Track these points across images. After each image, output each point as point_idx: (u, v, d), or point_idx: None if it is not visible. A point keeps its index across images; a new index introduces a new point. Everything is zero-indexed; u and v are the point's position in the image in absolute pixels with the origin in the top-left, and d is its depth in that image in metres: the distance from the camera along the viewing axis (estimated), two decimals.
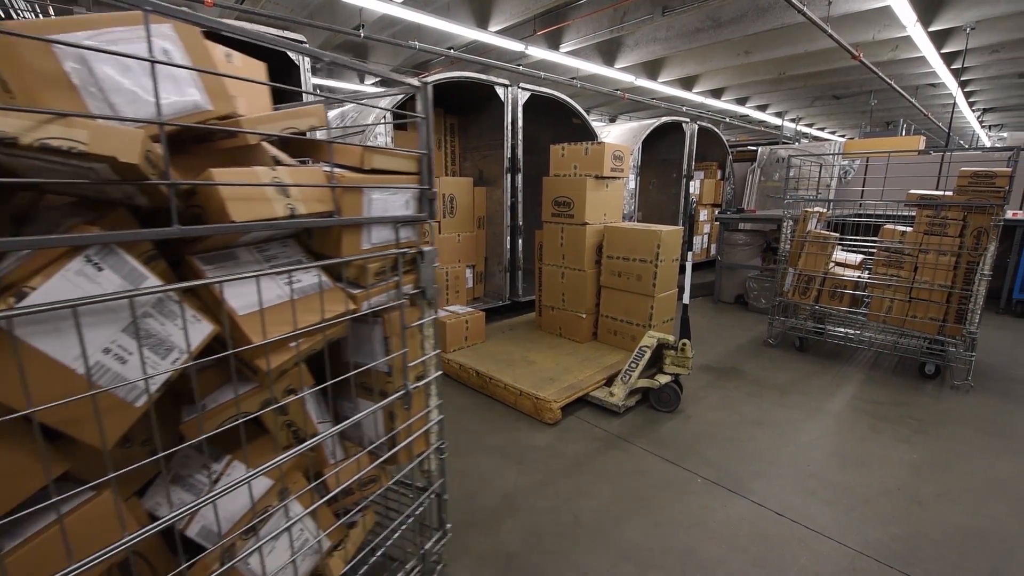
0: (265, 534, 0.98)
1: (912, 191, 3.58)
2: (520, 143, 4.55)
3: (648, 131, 6.42)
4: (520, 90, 4.48)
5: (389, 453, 1.29)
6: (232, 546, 0.96)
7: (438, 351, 1.36)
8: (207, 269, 0.95)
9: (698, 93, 11.72)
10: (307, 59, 3.40)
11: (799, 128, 17.11)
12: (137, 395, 0.83)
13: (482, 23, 7.15)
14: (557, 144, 3.83)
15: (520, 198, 4.71)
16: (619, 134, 6.83)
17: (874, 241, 3.82)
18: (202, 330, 0.89)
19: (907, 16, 5.82)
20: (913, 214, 3.61)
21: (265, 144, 1.11)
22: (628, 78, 9.43)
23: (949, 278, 3.34)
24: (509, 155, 4.51)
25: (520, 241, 4.81)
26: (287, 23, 5.75)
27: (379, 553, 1.28)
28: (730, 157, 8.03)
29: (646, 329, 3.43)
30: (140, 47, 0.85)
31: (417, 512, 1.43)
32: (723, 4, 6.66)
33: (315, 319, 0.98)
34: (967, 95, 11.91)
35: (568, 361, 3.38)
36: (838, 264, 3.96)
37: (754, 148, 8.51)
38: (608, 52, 8.98)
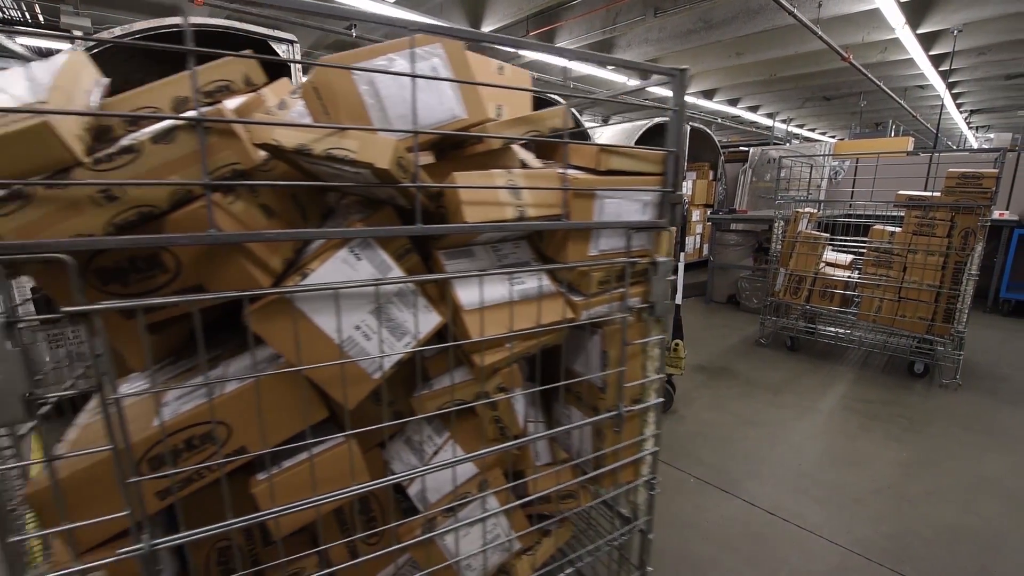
0: (463, 518, 1.05)
1: (901, 192, 3.62)
2: None
3: (641, 132, 6.47)
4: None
5: (591, 475, 1.25)
6: (434, 519, 1.03)
7: (662, 376, 1.26)
8: (447, 264, 1.00)
9: (691, 94, 11.95)
10: (297, 56, 3.31)
11: (790, 129, 17.42)
12: (375, 368, 0.92)
13: (475, 23, 7.11)
14: None
15: None
16: (612, 135, 6.90)
17: (864, 241, 3.85)
18: (432, 320, 0.95)
19: (896, 18, 5.89)
20: (902, 214, 3.62)
21: (515, 147, 1.14)
22: (620, 79, 9.48)
23: (937, 278, 3.37)
24: None
25: None
26: (278, 21, 5.48)
27: (570, 570, 1.25)
28: (722, 158, 8.24)
29: None
30: (417, 66, 0.95)
31: (617, 543, 1.37)
32: (715, 6, 6.71)
33: (532, 322, 1.02)
34: (955, 97, 12.12)
35: None
36: (828, 264, 4.02)
37: (746, 149, 8.75)
38: (601, 53, 9.08)
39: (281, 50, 3.16)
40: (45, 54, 6.90)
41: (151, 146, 0.69)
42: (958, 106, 12.77)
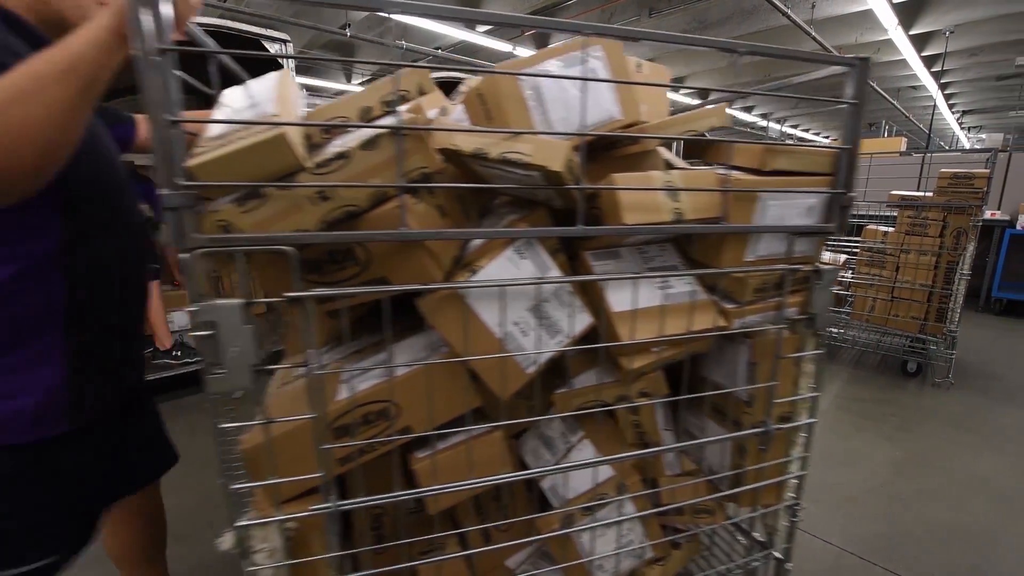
0: (601, 518, 1.06)
1: (893, 192, 3.68)
2: None
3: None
4: None
5: (732, 492, 1.20)
6: (571, 515, 1.05)
7: (817, 395, 1.17)
8: (594, 265, 1.02)
9: (685, 95, 11.68)
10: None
11: (784, 129, 17.47)
12: (529, 364, 0.96)
13: (470, 23, 7.08)
14: None
15: None
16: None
17: (857, 241, 3.88)
18: (583, 320, 0.97)
19: (888, 19, 5.93)
20: (895, 214, 3.66)
21: (660, 148, 1.14)
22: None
23: (930, 277, 3.42)
24: None
25: None
26: (272, 21, 5.61)
27: None
28: None
29: None
30: (575, 70, 0.97)
31: (750, 567, 1.32)
32: (709, 6, 6.76)
33: (682, 328, 1.00)
34: (947, 97, 12.39)
35: None
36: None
37: None
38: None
39: (274, 49, 3.24)
40: None
41: (359, 152, 0.78)
42: (950, 107, 12.77)
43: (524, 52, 7.82)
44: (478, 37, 6.89)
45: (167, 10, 0.65)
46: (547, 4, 6.61)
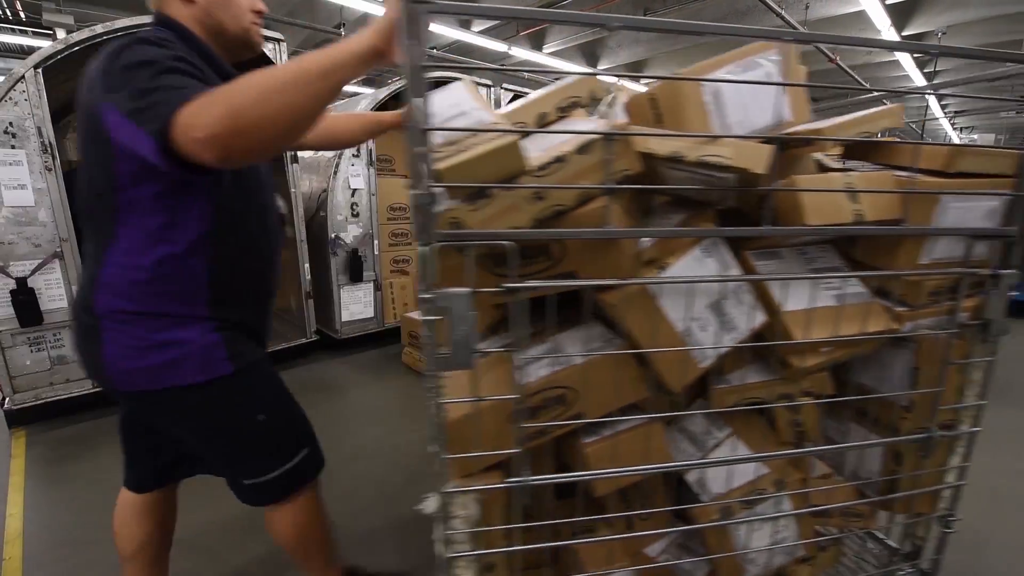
0: (759, 512, 1.09)
1: None
2: None
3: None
4: (503, 91, 4.46)
5: (885, 497, 1.21)
6: (730, 507, 1.09)
7: (984, 403, 1.16)
8: (757, 264, 1.04)
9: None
10: (284, 56, 3.33)
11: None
12: (703, 358, 1.00)
13: (464, 23, 7.04)
14: None
15: None
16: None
17: None
18: (758, 318, 1.00)
19: (881, 21, 6.00)
20: None
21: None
22: (611, 80, 8.67)
23: None
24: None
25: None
26: (266, 21, 5.53)
27: None
28: None
29: None
30: (752, 74, 1.01)
31: None
32: (704, 7, 6.55)
33: (855, 329, 1.01)
34: (939, 98, 12.63)
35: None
36: None
37: None
38: (591, 53, 8.76)
39: (268, 48, 3.16)
40: (27, 51, 6.91)
41: (575, 156, 0.85)
42: (942, 107, 12.65)
43: (519, 51, 7.77)
44: (473, 37, 6.91)
45: (425, 36, 0.75)
46: (540, 4, 6.45)
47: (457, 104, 0.99)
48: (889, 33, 6.34)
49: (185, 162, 0.82)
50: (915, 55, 8.19)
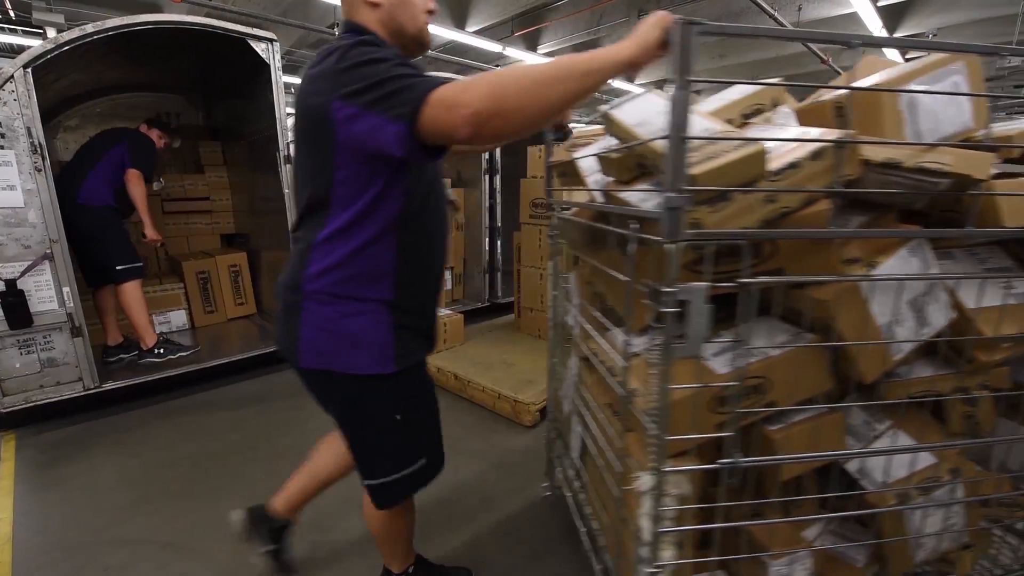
0: (935, 499, 1.15)
1: None
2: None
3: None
4: None
5: None
6: (907, 494, 1.15)
7: None
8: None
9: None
10: (277, 56, 3.18)
11: None
12: (898, 351, 1.05)
13: (460, 23, 7.09)
14: (534, 146, 3.64)
15: (498, 199, 4.68)
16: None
17: None
18: (946, 315, 1.06)
19: (873, 23, 6.08)
20: None
21: None
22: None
23: None
24: (487, 156, 4.50)
25: (499, 243, 4.82)
26: (259, 20, 5.48)
27: None
28: None
29: None
30: (941, 84, 1.07)
31: None
32: (697, 8, 6.60)
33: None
34: None
35: (547, 363, 3.23)
36: None
37: None
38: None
39: (260, 48, 3.07)
40: (17, 50, 6.85)
41: (808, 162, 0.92)
42: None
43: (514, 52, 7.87)
44: (468, 37, 6.95)
45: (696, 54, 0.82)
46: (535, 5, 6.60)
47: (643, 113, 1.07)
48: (881, 35, 6.38)
49: (424, 145, 0.89)
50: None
